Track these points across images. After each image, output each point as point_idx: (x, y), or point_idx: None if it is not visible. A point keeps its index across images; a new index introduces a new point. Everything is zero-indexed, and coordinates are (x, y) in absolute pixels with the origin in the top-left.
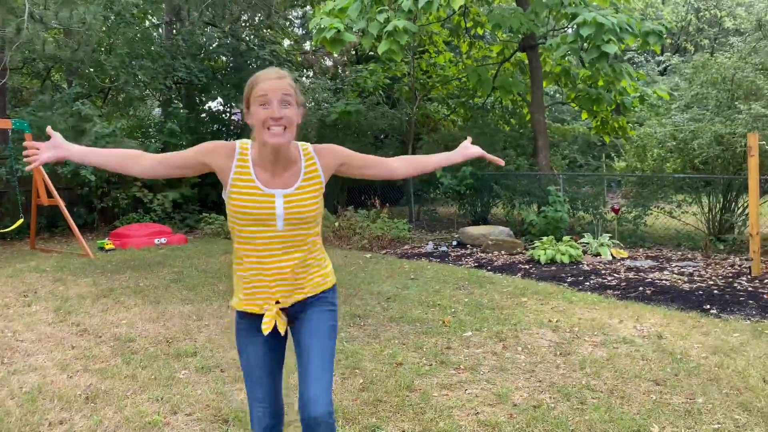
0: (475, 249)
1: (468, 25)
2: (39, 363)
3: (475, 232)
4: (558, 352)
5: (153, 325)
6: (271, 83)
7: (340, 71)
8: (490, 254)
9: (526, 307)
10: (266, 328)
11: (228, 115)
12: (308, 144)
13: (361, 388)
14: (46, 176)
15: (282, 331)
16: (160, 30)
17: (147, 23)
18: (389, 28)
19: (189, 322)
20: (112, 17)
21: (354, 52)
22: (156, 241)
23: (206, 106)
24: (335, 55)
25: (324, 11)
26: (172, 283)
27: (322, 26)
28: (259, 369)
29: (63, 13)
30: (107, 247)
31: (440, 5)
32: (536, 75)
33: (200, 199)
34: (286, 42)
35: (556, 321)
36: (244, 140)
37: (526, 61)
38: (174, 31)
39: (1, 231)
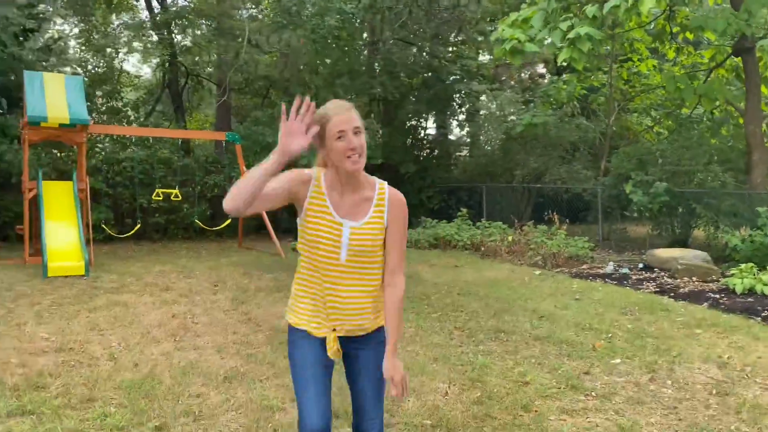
0: (662, 273)
1: (674, 30)
2: (202, 343)
3: (665, 255)
4: (714, 392)
5: None
6: (344, 117)
7: (538, 82)
8: (678, 280)
9: (698, 339)
10: (332, 353)
11: (422, 129)
12: (386, 185)
13: (475, 401)
14: None
15: (335, 358)
16: (365, 51)
17: (350, 44)
18: (572, 35)
19: None
20: (315, 40)
21: (555, 63)
22: None
23: (410, 123)
24: (538, 68)
25: (507, 23)
26: None
27: (504, 38)
28: (313, 365)
29: (273, 37)
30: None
31: (627, 9)
32: (752, 81)
33: None
34: (484, 56)
35: (728, 357)
36: (318, 168)
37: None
38: (376, 50)
39: (214, 229)
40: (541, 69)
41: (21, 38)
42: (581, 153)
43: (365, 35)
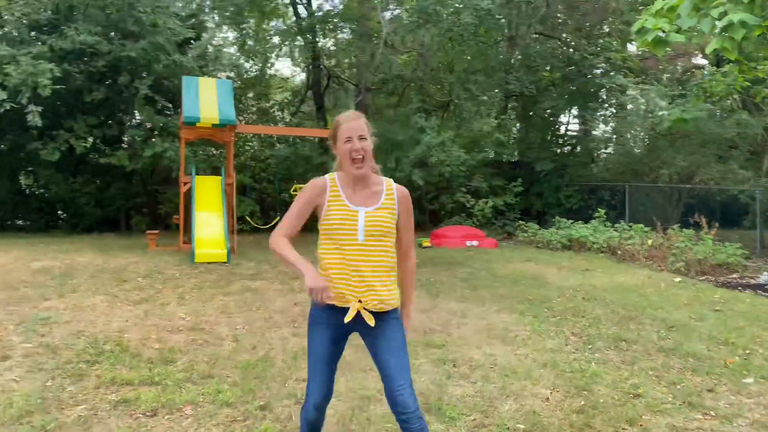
0: None
1: None
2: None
3: None
4: None
5: (420, 315)
6: (351, 124)
7: (695, 73)
8: None
9: None
10: (349, 318)
11: (561, 125)
12: (392, 182)
13: (577, 410)
14: None
15: (372, 324)
16: (503, 46)
17: (488, 40)
18: (723, 23)
19: (452, 317)
20: (452, 38)
21: (716, 54)
22: (467, 243)
23: (548, 119)
24: (694, 59)
25: (650, 12)
26: (460, 281)
27: (646, 28)
28: (323, 358)
29: (408, 36)
30: (425, 244)
31: None
32: None
33: (524, 208)
34: (634, 47)
35: None
36: (331, 174)
37: None
38: (514, 45)
39: None
40: (699, 60)
41: (183, 47)
42: (740, 151)
43: (506, 30)
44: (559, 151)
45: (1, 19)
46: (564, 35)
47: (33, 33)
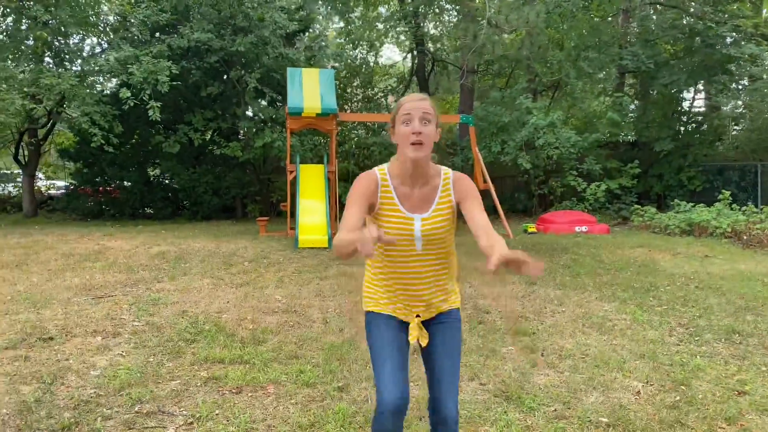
0: None
1: None
2: None
3: None
4: None
5: (512, 302)
6: (414, 104)
7: None
8: None
9: None
10: (413, 339)
11: (683, 102)
12: (450, 170)
13: (670, 405)
14: (483, 164)
15: (424, 344)
16: (618, 19)
17: (602, 14)
18: None
19: (548, 305)
20: (560, 14)
21: None
22: (576, 228)
23: (668, 95)
24: None
25: None
26: (562, 268)
27: None
28: (391, 345)
29: (512, 15)
30: (530, 230)
31: None
32: None
33: (641, 192)
34: (765, 12)
35: None
36: (381, 167)
37: None
38: (629, 18)
39: None
40: None
41: (291, 39)
42: None
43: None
44: (681, 129)
45: (127, 22)
46: (687, 2)
47: (157, 34)
